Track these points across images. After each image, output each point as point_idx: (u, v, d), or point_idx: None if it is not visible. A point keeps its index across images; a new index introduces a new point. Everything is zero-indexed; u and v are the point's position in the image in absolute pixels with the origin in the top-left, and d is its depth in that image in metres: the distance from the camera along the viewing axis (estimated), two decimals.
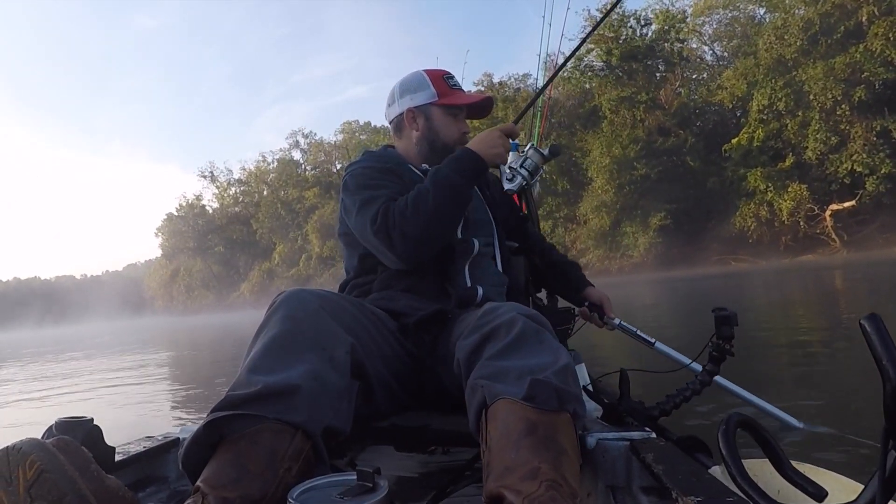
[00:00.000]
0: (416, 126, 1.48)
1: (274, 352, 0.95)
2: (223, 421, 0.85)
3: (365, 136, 53.18)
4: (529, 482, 0.76)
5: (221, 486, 0.79)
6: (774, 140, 25.59)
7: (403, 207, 1.24)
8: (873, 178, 22.78)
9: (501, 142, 1.36)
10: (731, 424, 0.90)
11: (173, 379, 6.67)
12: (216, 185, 59.98)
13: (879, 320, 0.67)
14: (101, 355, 11.42)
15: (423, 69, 1.54)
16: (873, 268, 14.50)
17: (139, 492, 1.18)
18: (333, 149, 54.39)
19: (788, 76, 24.37)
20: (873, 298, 7.84)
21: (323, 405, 0.91)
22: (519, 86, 36.50)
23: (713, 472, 1.01)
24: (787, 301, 8.90)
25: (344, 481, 0.79)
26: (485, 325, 1.02)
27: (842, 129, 23.58)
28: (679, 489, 0.84)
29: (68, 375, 7.70)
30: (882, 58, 22.16)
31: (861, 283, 11.11)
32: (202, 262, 60.58)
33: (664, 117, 29.39)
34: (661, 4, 30.73)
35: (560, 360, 0.93)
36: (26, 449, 0.73)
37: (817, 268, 18.68)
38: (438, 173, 1.28)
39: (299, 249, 51.00)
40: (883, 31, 22.01)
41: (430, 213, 1.23)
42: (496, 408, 0.87)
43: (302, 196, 50.85)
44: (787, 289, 11.57)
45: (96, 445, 1.00)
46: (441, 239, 1.30)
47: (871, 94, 22.65)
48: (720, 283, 16.34)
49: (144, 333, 20.53)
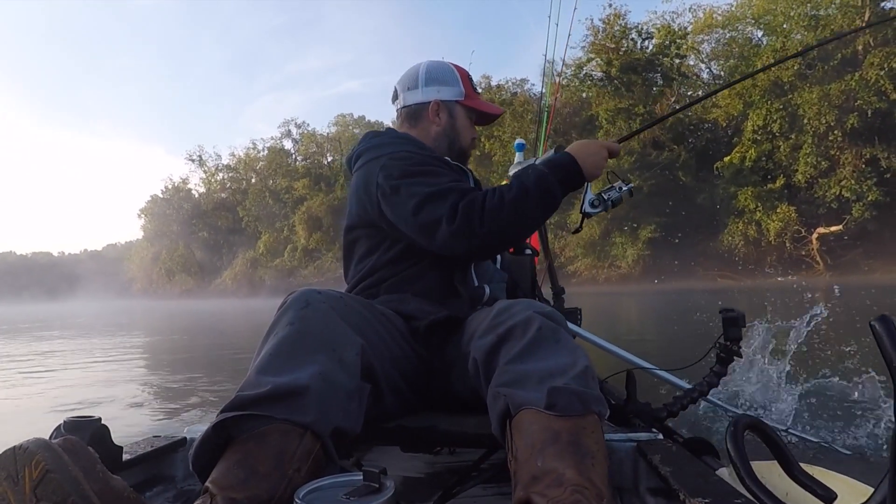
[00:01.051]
0: (438, 120, 1.44)
1: (283, 352, 0.95)
2: (232, 422, 0.85)
3: (358, 131, 52.92)
4: (556, 489, 0.77)
5: (230, 486, 0.79)
6: (766, 161, 25.94)
7: (499, 202, 1.16)
8: (860, 204, 23.18)
9: (604, 162, 1.30)
10: (740, 426, 0.90)
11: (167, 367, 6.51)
12: (204, 170, 59.41)
13: (891, 322, 0.66)
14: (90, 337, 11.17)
15: (449, 62, 1.49)
16: (853, 293, 14.76)
17: (146, 491, 1.19)
18: (326, 141, 54.05)
19: (784, 99, 24.70)
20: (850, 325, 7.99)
21: (332, 406, 0.91)
22: (516, 90, 36.66)
23: (721, 475, 1.01)
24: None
25: (350, 482, 0.79)
26: (500, 324, 1.01)
27: (832, 154, 23.99)
28: (687, 491, 0.84)
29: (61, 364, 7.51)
30: (876, 87, 22.56)
31: (842, 307, 11.20)
32: (185, 246, 59.81)
33: (659, 131, 29.61)
34: (662, 20, 30.99)
35: (579, 362, 0.92)
36: (32, 449, 0.74)
37: (802, 290, 18.93)
38: (544, 179, 1.21)
39: (285, 240, 50.56)
40: (878, 61, 22.44)
41: (527, 216, 1.19)
42: (519, 419, 0.88)
43: (291, 186, 50.42)
44: (774, 308, 11.59)
45: (103, 445, 1.01)
46: (521, 238, 1.26)
47: (863, 122, 23.06)
48: (709, 298, 16.44)
49: (134, 317, 20.14)
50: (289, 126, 55.66)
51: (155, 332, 11.64)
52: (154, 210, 61.95)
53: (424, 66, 1.45)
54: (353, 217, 1.37)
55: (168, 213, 60.16)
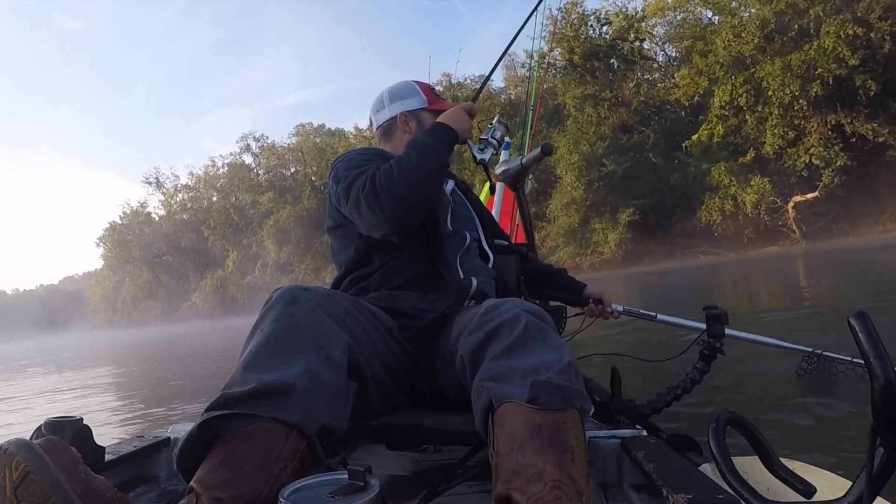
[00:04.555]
0: (408, 128, 1.54)
1: (269, 349, 0.94)
2: (217, 420, 0.84)
3: (320, 139, 52.12)
4: (535, 484, 0.77)
5: (215, 486, 0.78)
6: (734, 135, 26.29)
7: (389, 169, 1.26)
8: (829, 170, 23.64)
9: (467, 118, 1.43)
10: (721, 422, 0.91)
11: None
12: (162, 192, 57.68)
13: (867, 318, 0.68)
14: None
15: (411, 80, 1.63)
16: (831, 257, 15.26)
17: (130, 491, 1.18)
18: (287, 151, 52.95)
19: (747, 73, 25.06)
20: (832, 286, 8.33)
21: (319, 404, 0.91)
22: (476, 86, 36.54)
23: (703, 470, 1.02)
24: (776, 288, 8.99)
25: (335, 480, 0.78)
26: (488, 322, 1.01)
27: (797, 123, 24.44)
28: (669, 486, 0.86)
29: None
30: (834, 55, 23.03)
31: (819, 271, 11.72)
32: (149, 271, 57.88)
33: (627, 115, 29.83)
34: (614, 6, 31.16)
35: (564, 358, 0.93)
36: (12, 450, 0.73)
37: (780, 258, 19.38)
38: (415, 140, 1.35)
39: (254, 256, 49.43)
40: (834, 29, 22.90)
41: (414, 172, 1.26)
42: (501, 412, 0.88)
43: (256, 201, 49.34)
44: (775, 278, 11.71)
45: (86, 445, 1.00)
46: (425, 200, 1.30)
47: (825, 89, 23.53)
48: (692, 276, 16.54)
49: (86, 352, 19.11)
50: (247, 140, 54.56)
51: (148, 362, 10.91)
52: (113, 237, 59.66)
53: (387, 89, 1.60)
54: (329, 219, 1.48)
55: (129, 240, 58.16)
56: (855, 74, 22.99)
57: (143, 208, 59.16)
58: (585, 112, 29.36)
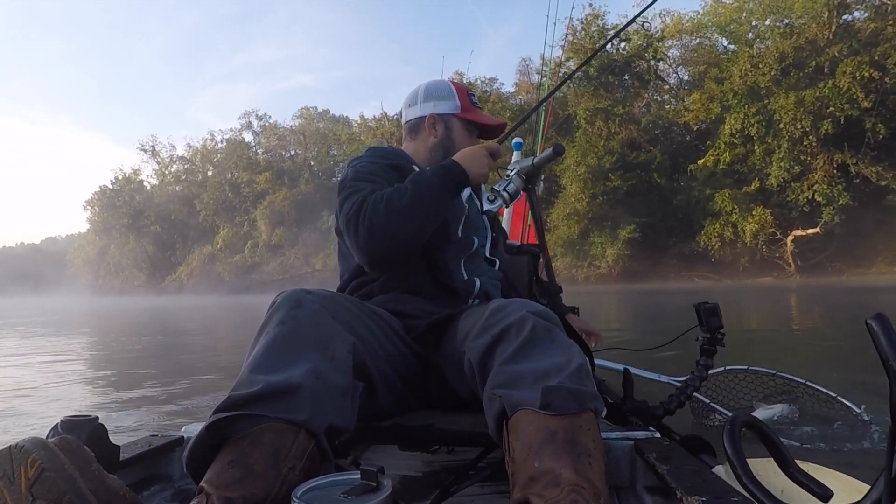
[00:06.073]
0: (434, 133, 1.50)
1: (275, 351, 0.95)
2: (226, 422, 0.85)
3: (323, 125, 51.73)
4: (553, 489, 0.77)
5: (225, 486, 0.78)
6: (740, 164, 26.48)
7: (378, 200, 1.21)
8: (830, 208, 23.92)
9: (487, 161, 1.34)
10: (736, 424, 0.90)
11: None
12: (157, 161, 56.85)
13: (886, 320, 0.67)
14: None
15: (448, 80, 1.59)
16: (823, 293, 15.48)
17: (143, 490, 1.19)
18: (289, 133, 52.48)
19: (760, 104, 25.23)
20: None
21: (325, 404, 0.91)
22: (486, 88, 36.42)
23: (717, 472, 1.00)
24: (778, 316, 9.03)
25: (348, 480, 0.78)
26: (494, 325, 1.01)
27: (803, 159, 24.67)
28: (683, 489, 0.85)
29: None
30: (848, 95, 23.28)
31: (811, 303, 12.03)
32: (135, 240, 56.94)
33: (637, 132, 29.90)
34: (635, 23, 31.17)
35: (574, 360, 0.92)
36: (28, 447, 0.74)
37: (776, 289, 19.58)
38: (421, 176, 1.28)
39: (245, 235, 48.89)
40: (850, 69, 23.14)
41: (401, 212, 1.20)
42: (516, 419, 0.88)
43: (252, 179, 48.78)
44: (767, 307, 11.74)
45: (100, 444, 1.01)
46: (407, 242, 1.22)
47: (835, 128, 23.78)
48: (687, 297, 16.60)
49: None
50: (249, 118, 54.01)
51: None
52: (102, 201, 58.39)
53: (424, 85, 1.55)
54: (337, 220, 1.41)
55: (118, 206, 56.99)
56: (866, 117, 23.29)
57: (135, 175, 58.18)
58: (596, 125, 29.36)
